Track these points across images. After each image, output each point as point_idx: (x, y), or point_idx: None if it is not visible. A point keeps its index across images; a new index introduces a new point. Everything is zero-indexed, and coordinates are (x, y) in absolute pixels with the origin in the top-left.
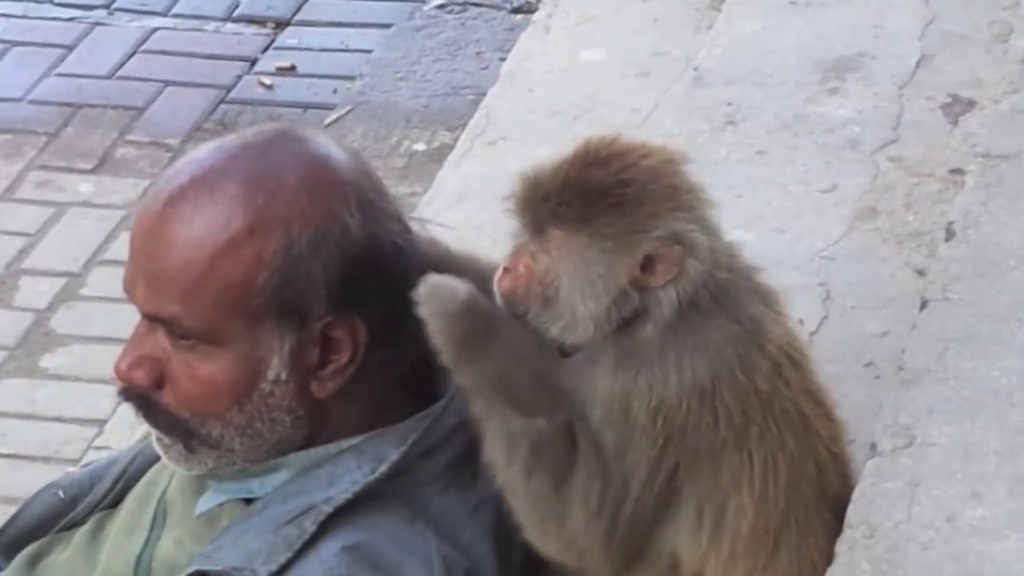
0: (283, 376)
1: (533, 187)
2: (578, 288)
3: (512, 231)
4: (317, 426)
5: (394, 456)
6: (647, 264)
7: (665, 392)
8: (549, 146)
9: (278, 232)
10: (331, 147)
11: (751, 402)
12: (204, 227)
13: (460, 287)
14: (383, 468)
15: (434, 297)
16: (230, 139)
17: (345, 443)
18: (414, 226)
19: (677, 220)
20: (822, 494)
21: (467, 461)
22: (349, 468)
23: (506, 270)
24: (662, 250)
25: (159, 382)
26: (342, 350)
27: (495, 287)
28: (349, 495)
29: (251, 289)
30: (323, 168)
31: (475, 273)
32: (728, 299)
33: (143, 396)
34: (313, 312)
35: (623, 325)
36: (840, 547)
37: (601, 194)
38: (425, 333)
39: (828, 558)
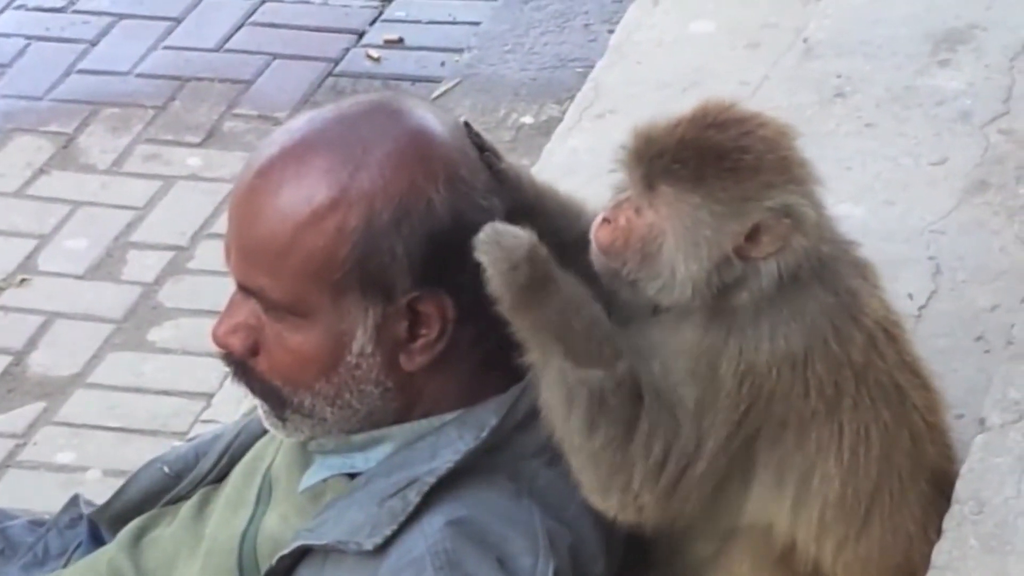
0: (369, 349)
1: (647, 142)
2: (682, 248)
3: (616, 183)
4: (410, 399)
5: (493, 422)
6: (753, 234)
7: (755, 358)
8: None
9: (360, 206)
10: (427, 120)
11: (844, 374)
12: (289, 199)
13: (522, 235)
14: (483, 435)
15: (496, 244)
16: (326, 109)
17: (448, 416)
18: (510, 164)
19: (790, 193)
20: (918, 464)
21: None
22: (451, 439)
23: (605, 221)
24: (771, 222)
25: (254, 349)
26: (431, 325)
27: (591, 237)
28: (451, 465)
29: (333, 262)
30: (412, 143)
31: (566, 219)
32: (827, 271)
33: (240, 362)
34: (398, 287)
35: (720, 291)
36: (948, 523)
37: (718, 157)
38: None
39: (924, 529)
